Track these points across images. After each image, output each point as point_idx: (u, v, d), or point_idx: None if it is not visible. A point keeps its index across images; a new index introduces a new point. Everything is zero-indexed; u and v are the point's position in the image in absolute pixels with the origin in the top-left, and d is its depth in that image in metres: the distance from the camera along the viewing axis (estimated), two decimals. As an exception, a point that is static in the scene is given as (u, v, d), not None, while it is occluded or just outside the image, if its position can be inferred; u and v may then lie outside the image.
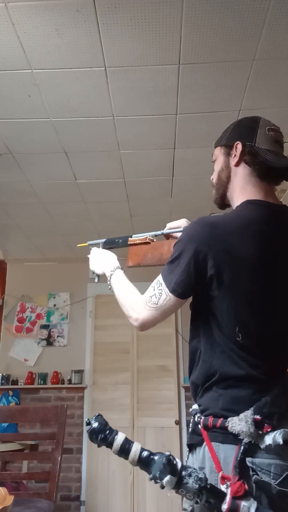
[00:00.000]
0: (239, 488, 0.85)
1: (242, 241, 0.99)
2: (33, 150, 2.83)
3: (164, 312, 1.05)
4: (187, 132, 2.66)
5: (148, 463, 0.89)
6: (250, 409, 0.92)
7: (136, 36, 1.96)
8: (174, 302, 1.03)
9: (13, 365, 4.60)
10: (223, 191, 1.16)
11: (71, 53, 2.05)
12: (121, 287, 1.20)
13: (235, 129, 1.15)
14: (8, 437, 3.49)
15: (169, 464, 0.85)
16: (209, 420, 0.97)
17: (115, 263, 1.28)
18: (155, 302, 1.04)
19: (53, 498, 2.06)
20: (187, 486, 0.84)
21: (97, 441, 0.94)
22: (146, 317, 1.06)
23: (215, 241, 0.99)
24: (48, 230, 4.17)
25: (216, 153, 1.19)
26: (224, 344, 1.00)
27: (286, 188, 3.02)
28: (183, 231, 1.09)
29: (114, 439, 0.93)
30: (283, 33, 1.96)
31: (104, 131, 2.63)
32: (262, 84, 2.27)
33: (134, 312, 1.09)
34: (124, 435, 0.95)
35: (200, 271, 0.99)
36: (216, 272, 0.97)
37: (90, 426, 0.95)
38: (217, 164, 1.17)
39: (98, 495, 4.15)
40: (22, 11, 1.82)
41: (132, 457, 0.91)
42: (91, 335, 4.66)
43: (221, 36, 1.97)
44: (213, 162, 1.20)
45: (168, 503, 4.06)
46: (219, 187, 1.17)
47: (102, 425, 0.95)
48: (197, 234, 1.01)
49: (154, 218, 3.93)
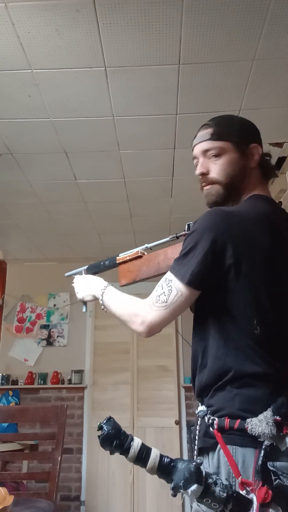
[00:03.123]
0: (266, 495, 0.79)
1: (260, 232, 0.99)
2: (33, 150, 2.83)
3: (175, 310, 0.99)
4: (187, 132, 2.66)
5: (170, 471, 0.82)
6: (268, 410, 0.87)
7: (136, 36, 1.95)
8: (186, 297, 0.98)
9: (13, 365, 4.60)
10: (233, 189, 1.11)
11: (71, 53, 2.05)
12: (117, 299, 1.14)
13: (244, 129, 1.15)
14: (8, 437, 3.49)
15: (197, 472, 0.78)
16: (225, 421, 0.91)
17: (104, 282, 1.22)
18: (164, 301, 0.99)
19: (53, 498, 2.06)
20: (214, 495, 0.77)
21: (111, 447, 0.85)
22: (154, 318, 1.00)
23: (234, 230, 0.97)
24: (48, 230, 4.17)
25: (221, 147, 1.10)
26: (239, 340, 0.95)
27: (286, 188, 3.02)
28: (196, 222, 1.02)
29: (131, 446, 0.85)
30: (283, 33, 1.96)
31: (104, 131, 2.63)
32: (262, 84, 2.27)
33: (138, 316, 1.03)
34: (140, 440, 0.87)
35: (218, 260, 0.95)
36: (235, 261, 0.94)
37: (103, 431, 0.86)
38: (223, 161, 1.10)
39: (98, 495, 4.15)
40: (22, 11, 1.82)
41: (151, 465, 0.83)
42: (91, 335, 4.66)
43: (221, 36, 1.97)
44: (213, 156, 1.11)
45: (168, 503, 4.06)
46: (229, 185, 1.11)
47: (116, 429, 0.87)
48: (215, 223, 0.98)
49: (154, 218, 3.94)
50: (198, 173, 1.14)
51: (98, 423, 0.89)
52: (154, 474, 0.84)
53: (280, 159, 2.96)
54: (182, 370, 4.51)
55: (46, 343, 4.68)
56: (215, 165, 1.11)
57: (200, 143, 1.14)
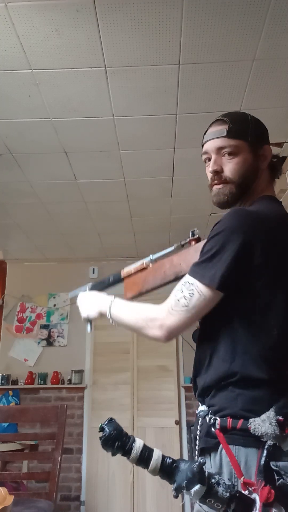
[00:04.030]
0: (268, 494, 0.79)
1: (282, 232, 0.99)
2: (33, 150, 2.83)
3: (196, 313, 0.97)
4: (187, 132, 2.66)
5: (172, 472, 0.81)
6: (271, 410, 0.87)
7: (136, 36, 1.95)
8: (210, 300, 0.95)
9: (13, 365, 4.60)
10: (246, 189, 1.09)
11: (71, 53, 2.05)
12: (128, 308, 1.10)
13: (258, 129, 1.12)
14: (8, 437, 3.49)
15: (200, 472, 0.78)
16: (228, 421, 0.90)
17: (110, 296, 1.17)
18: (185, 304, 0.96)
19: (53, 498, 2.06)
20: (217, 495, 0.77)
21: (113, 449, 0.85)
22: (174, 321, 0.97)
23: (261, 231, 0.95)
24: (48, 230, 4.17)
25: (237, 146, 1.08)
26: (250, 344, 0.94)
27: (286, 188, 3.02)
28: (220, 223, 0.98)
29: (132, 447, 0.84)
30: (283, 33, 1.96)
31: (104, 131, 2.63)
32: (262, 84, 2.27)
33: (156, 320, 0.99)
34: (142, 441, 0.86)
35: (247, 262, 0.93)
36: (262, 263, 0.93)
37: (104, 432, 0.86)
38: (239, 160, 1.08)
39: (98, 495, 4.15)
40: (22, 11, 1.82)
41: (153, 466, 0.82)
42: (91, 335, 4.65)
43: (221, 36, 1.97)
44: (227, 154, 1.08)
45: (168, 503, 4.06)
46: (242, 185, 1.08)
47: (118, 431, 0.86)
48: (243, 223, 0.95)
49: (154, 218, 3.94)
50: (211, 170, 1.09)
51: (99, 425, 0.89)
52: (156, 475, 0.83)
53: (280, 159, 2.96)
54: (182, 370, 4.51)
55: (46, 343, 4.68)
56: (230, 163, 1.08)
57: (214, 139, 1.09)
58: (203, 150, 1.14)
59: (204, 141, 1.13)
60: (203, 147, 1.14)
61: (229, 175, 1.08)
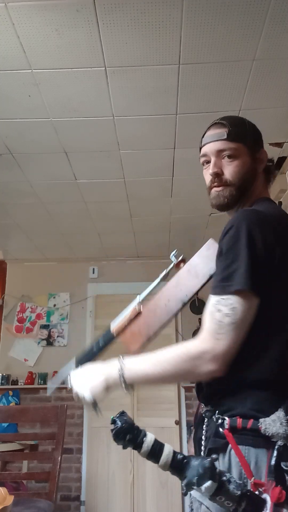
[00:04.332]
0: (280, 495, 0.78)
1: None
2: (33, 150, 2.82)
3: (244, 326, 0.90)
4: (187, 132, 2.66)
5: (183, 468, 0.80)
6: (280, 410, 0.86)
7: (136, 36, 1.95)
8: (252, 307, 0.91)
9: (13, 365, 4.60)
10: (244, 192, 1.10)
11: (71, 53, 2.05)
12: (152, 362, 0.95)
13: (255, 133, 1.14)
14: (8, 437, 3.49)
15: (211, 468, 0.77)
16: (238, 421, 0.89)
17: (113, 360, 1.01)
18: (232, 322, 0.89)
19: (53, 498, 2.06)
20: (228, 493, 0.76)
21: (124, 441, 0.84)
22: (226, 346, 0.89)
23: (277, 231, 0.96)
24: (48, 230, 4.17)
25: (237, 149, 1.08)
26: (261, 346, 0.93)
27: (286, 188, 3.02)
28: (235, 226, 0.95)
29: (144, 440, 0.83)
30: (283, 33, 1.96)
31: (104, 131, 2.63)
32: (262, 84, 2.27)
33: (204, 355, 0.89)
34: (154, 436, 0.85)
35: (270, 263, 0.92)
36: (280, 259, 0.93)
37: (116, 424, 0.85)
38: (239, 163, 1.08)
39: (98, 495, 4.15)
40: (22, 11, 1.82)
41: (164, 460, 0.81)
42: (91, 335, 4.66)
43: (221, 36, 1.97)
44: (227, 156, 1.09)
45: (168, 503, 4.06)
46: (241, 188, 1.09)
47: (129, 424, 0.85)
48: (260, 224, 0.95)
49: (154, 218, 3.94)
50: (212, 172, 1.09)
51: (111, 417, 0.88)
52: (166, 470, 0.83)
53: (280, 159, 2.96)
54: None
55: (46, 343, 4.67)
56: (230, 166, 1.09)
57: (214, 142, 1.10)
58: (201, 153, 1.14)
59: (203, 144, 1.14)
60: (202, 149, 1.14)
61: (229, 178, 1.08)
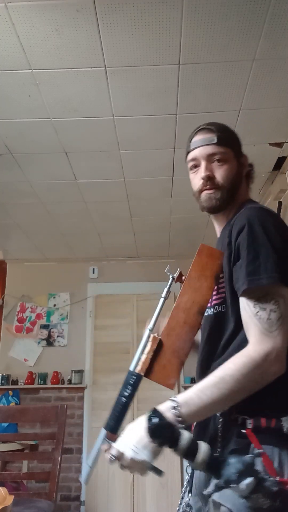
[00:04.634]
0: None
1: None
2: (33, 150, 2.82)
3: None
4: (187, 132, 2.63)
5: (219, 465, 0.79)
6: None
7: (136, 36, 1.95)
8: (287, 296, 0.92)
9: (13, 365, 4.60)
10: (233, 195, 1.13)
11: (71, 53, 2.05)
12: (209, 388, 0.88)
13: (238, 139, 1.19)
14: (8, 437, 3.49)
15: (252, 465, 0.77)
16: (261, 421, 0.89)
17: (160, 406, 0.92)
18: (279, 315, 0.89)
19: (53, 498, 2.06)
20: (266, 490, 0.76)
21: (161, 439, 0.82)
22: (283, 340, 0.88)
23: (281, 223, 1.03)
24: (48, 230, 4.17)
25: (226, 154, 1.12)
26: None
27: (286, 188, 3.02)
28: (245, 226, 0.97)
29: (180, 438, 0.81)
30: (283, 33, 1.96)
31: (104, 131, 2.63)
32: (262, 84, 2.27)
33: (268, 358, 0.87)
34: (190, 433, 0.83)
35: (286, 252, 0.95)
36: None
37: (152, 421, 0.84)
38: (228, 167, 1.12)
39: (98, 495, 4.15)
40: (22, 11, 1.82)
41: (201, 458, 0.79)
42: (91, 335, 4.66)
43: (221, 36, 1.97)
44: (217, 160, 1.12)
45: (168, 503, 4.06)
46: (231, 191, 1.12)
47: (165, 420, 0.84)
48: (270, 218, 1.00)
49: (154, 218, 3.94)
50: (204, 175, 1.11)
51: (147, 414, 0.87)
52: (201, 469, 0.81)
53: (280, 159, 2.96)
54: (183, 370, 4.51)
55: (46, 343, 4.67)
56: (220, 169, 1.12)
57: (205, 146, 1.13)
58: (190, 157, 1.16)
59: (192, 148, 1.16)
60: (190, 154, 1.16)
61: (221, 181, 1.12)
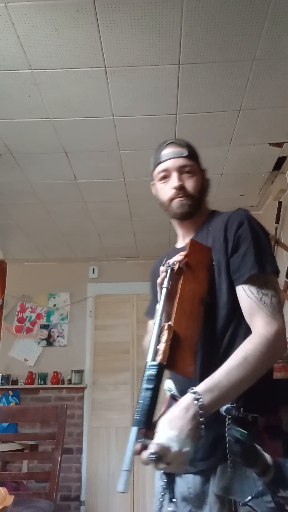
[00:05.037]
0: None
1: None
2: (33, 150, 2.82)
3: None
4: (187, 132, 2.66)
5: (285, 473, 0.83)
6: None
7: (136, 36, 1.95)
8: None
9: (13, 365, 4.60)
10: (201, 204, 1.24)
11: (71, 53, 2.05)
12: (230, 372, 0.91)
13: (199, 155, 1.27)
14: (8, 437, 3.49)
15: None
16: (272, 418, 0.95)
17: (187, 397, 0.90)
18: (278, 300, 1.01)
19: (53, 498, 2.06)
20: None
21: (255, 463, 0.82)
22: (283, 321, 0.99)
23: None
24: (48, 230, 4.17)
25: (194, 166, 1.23)
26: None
27: (286, 188, 3.02)
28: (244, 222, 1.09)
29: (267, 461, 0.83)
30: (283, 33, 1.96)
31: (104, 131, 2.63)
32: (262, 84, 2.27)
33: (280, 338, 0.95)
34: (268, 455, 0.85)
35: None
36: None
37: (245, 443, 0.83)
38: (196, 179, 1.23)
39: (98, 495, 4.15)
40: (22, 11, 1.82)
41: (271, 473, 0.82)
42: (91, 335, 4.66)
43: (221, 36, 1.97)
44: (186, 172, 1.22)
45: (168, 503, 4.06)
46: (198, 200, 1.23)
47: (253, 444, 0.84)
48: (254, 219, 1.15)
49: (154, 218, 3.93)
50: (178, 185, 1.20)
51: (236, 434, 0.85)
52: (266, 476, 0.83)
53: (280, 159, 2.96)
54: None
55: (46, 343, 4.67)
56: (190, 180, 1.22)
57: (177, 158, 1.21)
58: (162, 168, 1.23)
59: (163, 160, 1.23)
60: (161, 165, 1.23)
61: (191, 190, 1.21)
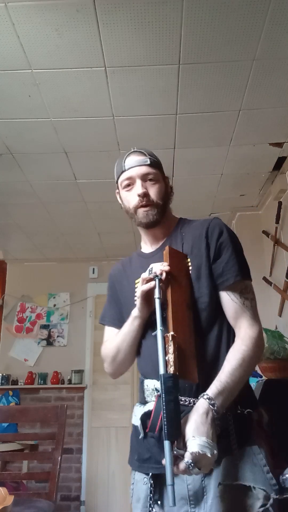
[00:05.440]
0: None
1: None
2: (33, 150, 2.82)
3: None
4: (187, 132, 2.66)
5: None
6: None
7: (136, 36, 1.95)
8: None
9: (13, 365, 4.60)
10: (165, 211, 1.26)
11: (71, 53, 2.05)
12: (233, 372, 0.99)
13: (161, 164, 1.29)
14: (8, 437, 3.49)
15: None
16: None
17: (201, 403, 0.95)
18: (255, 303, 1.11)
19: (53, 498, 2.06)
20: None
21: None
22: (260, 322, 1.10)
23: None
24: (48, 230, 4.17)
25: (157, 174, 1.25)
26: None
27: (286, 188, 3.02)
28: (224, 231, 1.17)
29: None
30: (283, 33, 1.96)
31: (104, 131, 2.63)
32: (262, 84, 2.27)
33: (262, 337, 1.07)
34: None
35: None
36: None
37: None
38: (160, 186, 1.24)
39: (98, 495, 4.15)
40: (22, 11, 1.82)
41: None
42: (91, 335, 4.66)
43: (221, 36, 1.97)
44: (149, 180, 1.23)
45: (168, 503, 4.06)
46: (163, 208, 1.24)
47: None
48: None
49: (154, 218, 3.93)
50: (142, 192, 1.20)
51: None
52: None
53: (280, 159, 2.96)
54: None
55: (46, 343, 4.68)
56: (154, 188, 1.23)
57: (140, 166, 1.23)
58: (126, 176, 1.25)
59: (127, 168, 1.24)
60: (125, 173, 1.25)
61: (155, 198, 1.22)
